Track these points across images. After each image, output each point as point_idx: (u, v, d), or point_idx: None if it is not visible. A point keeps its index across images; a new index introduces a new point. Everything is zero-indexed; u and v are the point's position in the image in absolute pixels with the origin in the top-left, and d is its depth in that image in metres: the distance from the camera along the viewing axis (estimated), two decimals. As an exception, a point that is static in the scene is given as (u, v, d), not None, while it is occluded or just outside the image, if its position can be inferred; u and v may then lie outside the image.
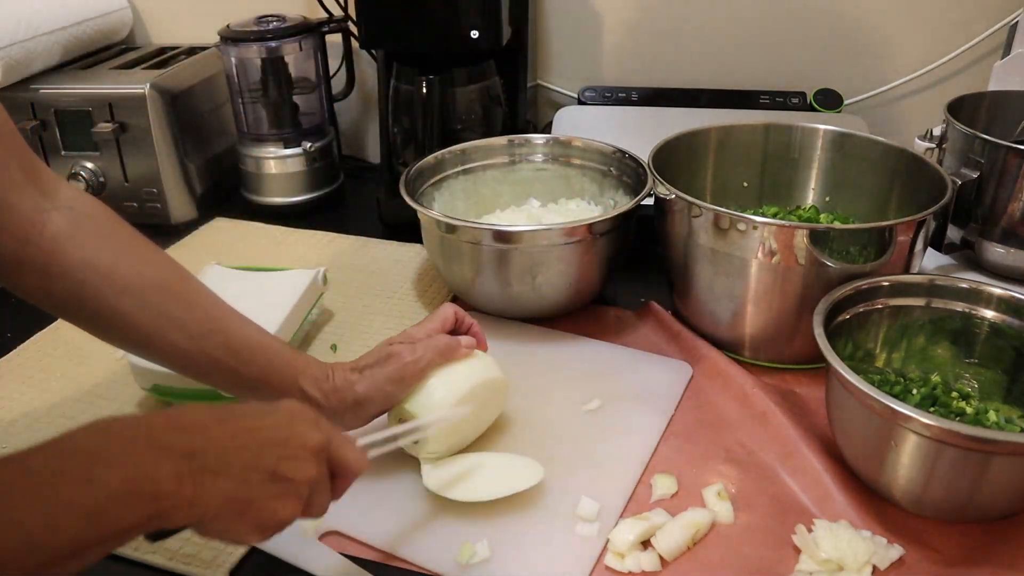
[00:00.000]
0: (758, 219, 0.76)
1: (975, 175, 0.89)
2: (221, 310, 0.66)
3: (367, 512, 0.67)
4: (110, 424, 0.45)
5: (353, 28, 1.25)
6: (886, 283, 0.76)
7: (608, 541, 0.64)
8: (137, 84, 1.11)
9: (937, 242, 0.90)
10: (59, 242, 0.60)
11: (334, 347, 0.91)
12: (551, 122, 1.19)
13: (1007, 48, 1.06)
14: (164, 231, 1.15)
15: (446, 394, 0.68)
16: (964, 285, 0.75)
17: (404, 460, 0.72)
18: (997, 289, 0.74)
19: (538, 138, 1.05)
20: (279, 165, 1.20)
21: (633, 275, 0.99)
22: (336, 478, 0.54)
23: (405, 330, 0.73)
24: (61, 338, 0.92)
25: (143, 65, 1.22)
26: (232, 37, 1.16)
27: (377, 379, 0.67)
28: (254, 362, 0.65)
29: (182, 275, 0.66)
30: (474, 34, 1.00)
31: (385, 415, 0.71)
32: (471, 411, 0.70)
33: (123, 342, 0.65)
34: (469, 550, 0.63)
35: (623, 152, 0.98)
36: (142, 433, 0.46)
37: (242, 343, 0.65)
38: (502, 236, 0.85)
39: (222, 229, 1.18)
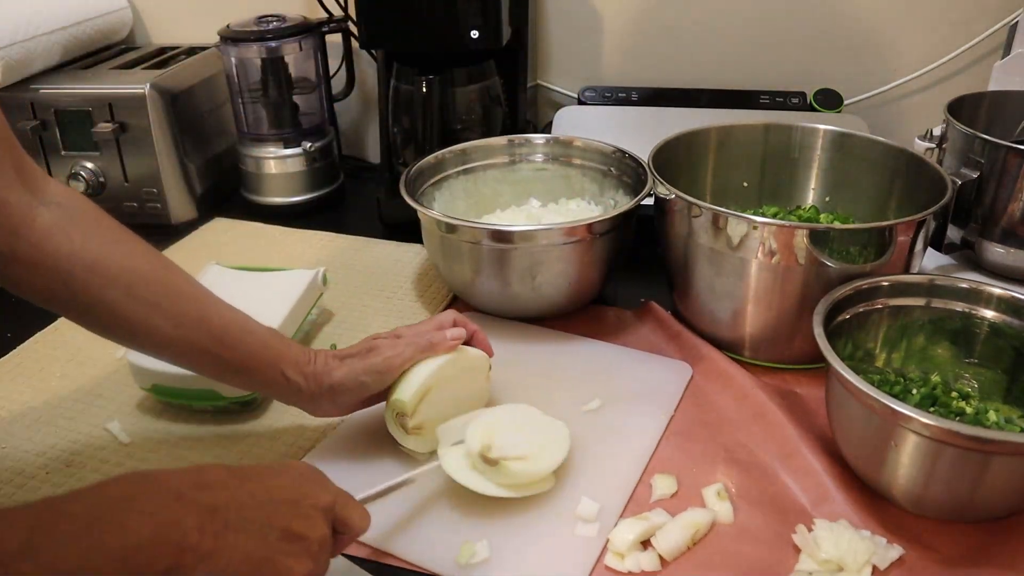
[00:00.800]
0: (758, 219, 0.76)
1: (975, 175, 0.89)
2: (205, 298, 0.68)
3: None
4: (143, 476, 0.47)
5: (353, 28, 1.25)
6: (886, 283, 0.76)
7: (608, 541, 0.64)
8: (137, 84, 1.11)
9: (937, 242, 0.90)
10: (47, 236, 0.61)
11: (334, 347, 0.90)
12: (551, 122, 1.19)
13: (1007, 48, 1.06)
14: (164, 231, 1.15)
15: (424, 373, 0.70)
16: (964, 285, 0.75)
17: (404, 460, 0.72)
18: (997, 289, 0.74)
19: (538, 138, 1.05)
20: (279, 165, 1.20)
21: (633, 275, 0.99)
22: (339, 536, 0.55)
23: (397, 327, 0.74)
24: (61, 338, 0.92)
25: (143, 65, 1.22)
26: (232, 37, 1.16)
27: (355, 369, 0.70)
28: (237, 348, 0.67)
29: (166, 265, 0.67)
30: (474, 34, 1.01)
31: (383, 404, 0.72)
32: (449, 387, 0.71)
33: (111, 332, 0.66)
34: (469, 550, 0.63)
35: (623, 152, 0.98)
36: (172, 487, 0.47)
37: (225, 330, 0.67)
38: (502, 236, 0.85)
39: (222, 229, 1.17)
